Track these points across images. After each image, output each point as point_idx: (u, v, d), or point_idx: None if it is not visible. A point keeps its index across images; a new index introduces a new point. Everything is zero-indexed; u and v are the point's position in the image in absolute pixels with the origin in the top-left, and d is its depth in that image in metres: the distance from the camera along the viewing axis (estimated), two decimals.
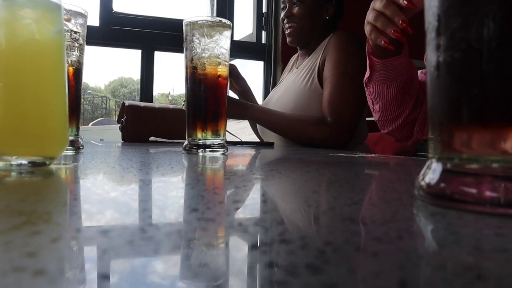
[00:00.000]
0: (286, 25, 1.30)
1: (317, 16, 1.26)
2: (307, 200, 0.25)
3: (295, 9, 1.26)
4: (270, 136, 1.27)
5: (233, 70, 1.39)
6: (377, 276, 0.11)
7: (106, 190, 0.27)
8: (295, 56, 1.47)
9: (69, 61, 0.64)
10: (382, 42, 0.76)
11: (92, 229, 0.16)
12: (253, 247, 0.15)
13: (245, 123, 1.52)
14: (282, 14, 1.31)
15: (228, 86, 1.45)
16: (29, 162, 0.35)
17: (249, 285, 0.11)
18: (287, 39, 1.33)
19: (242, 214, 0.21)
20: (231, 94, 1.43)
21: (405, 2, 0.70)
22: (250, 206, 0.24)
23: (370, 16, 0.77)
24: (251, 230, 0.17)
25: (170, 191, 0.28)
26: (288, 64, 1.51)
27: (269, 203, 0.25)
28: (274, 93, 1.38)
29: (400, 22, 0.72)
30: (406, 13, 0.72)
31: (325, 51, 1.20)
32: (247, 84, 1.44)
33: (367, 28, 0.78)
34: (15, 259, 0.12)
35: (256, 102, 1.47)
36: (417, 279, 0.12)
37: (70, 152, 0.60)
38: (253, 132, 1.51)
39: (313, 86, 1.18)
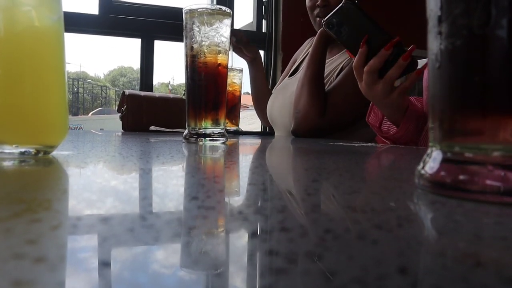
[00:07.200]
0: (321, 14, 1.15)
1: None
2: (307, 188, 0.25)
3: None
4: (279, 126, 1.24)
5: (242, 37, 1.37)
6: (377, 264, 0.11)
7: (106, 179, 0.27)
8: (307, 44, 1.38)
9: None
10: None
11: (92, 217, 0.16)
12: (253, 235, 0.15)
13: (245, 113, 1.51)
14: (313, 2, 1.18)
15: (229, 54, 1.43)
16: (28, 151, 0.35)
17: (249, 273, 0.11)
18: (317, 28, 1.18)
19: (242, 202, 0.21)
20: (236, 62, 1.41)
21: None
22: (250, 194, 0.24)
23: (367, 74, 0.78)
24: (251, 218, 0.17)
25: (170, 180, 0.28)
26: (299, 52, 1.42)
27: (269, 192, 0.25)
28: (294, 80, 1.25)
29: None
30: None
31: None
32: (258, 52, 1.43)
33: (375, 86, 0.78)
34: (16, 246, 0.12)
35: (264, 71, 1.46)
36: (417, 267, 0.12)
37: None
38: (253, 122, 1.50)
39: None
